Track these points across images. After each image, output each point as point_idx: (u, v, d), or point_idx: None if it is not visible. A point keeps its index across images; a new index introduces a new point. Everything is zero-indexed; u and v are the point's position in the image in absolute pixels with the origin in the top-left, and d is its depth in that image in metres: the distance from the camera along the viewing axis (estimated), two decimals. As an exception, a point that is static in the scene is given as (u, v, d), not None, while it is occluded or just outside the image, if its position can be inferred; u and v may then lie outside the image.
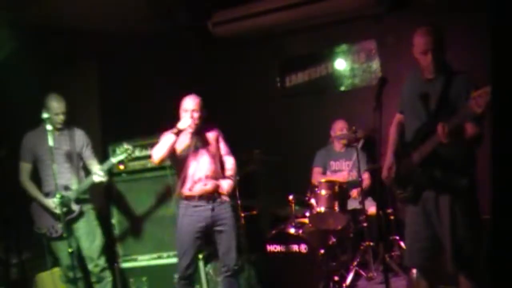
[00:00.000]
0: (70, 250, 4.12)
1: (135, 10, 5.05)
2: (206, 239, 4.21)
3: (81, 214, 4.48)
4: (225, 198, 4.18)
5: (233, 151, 4.40)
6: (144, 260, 5.00)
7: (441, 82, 3.23)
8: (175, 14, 5.64)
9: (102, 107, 5.66)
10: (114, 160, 4.47)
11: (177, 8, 5.63)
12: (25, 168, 4.46)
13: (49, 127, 4.03)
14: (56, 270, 4.71)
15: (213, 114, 6.15)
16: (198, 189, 4.07)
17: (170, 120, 4.16)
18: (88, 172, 4.65)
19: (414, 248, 3.40)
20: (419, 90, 3.33)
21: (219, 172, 4.23)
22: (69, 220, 4.38)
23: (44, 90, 4.47)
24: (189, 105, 4.11)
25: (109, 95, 5.62)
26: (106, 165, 4.48)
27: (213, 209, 4.09)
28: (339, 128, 5.48)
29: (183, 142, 4.12)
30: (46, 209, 4.39)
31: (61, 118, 4.42)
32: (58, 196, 4.11)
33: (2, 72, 4.55)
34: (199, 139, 4.15)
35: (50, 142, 4.02)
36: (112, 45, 5.40)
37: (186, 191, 4.11)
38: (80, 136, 4.62)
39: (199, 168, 4.10)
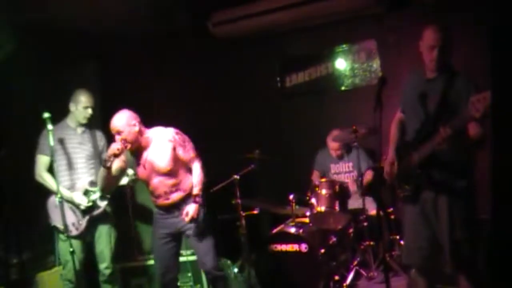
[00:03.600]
0: (71, 249, 4.07)
1: (135, 10, 5.05)
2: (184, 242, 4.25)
3: (104, 212, 4.43)
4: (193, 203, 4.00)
5: (234, 151, 4.39)
6: (145, 260, 5.00)
7: (442, 82, 3.23)
8: (175, 14, 5.64)
9: (102, 107, 5.66)
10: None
11: (177, 8, 5.63)
12: (44, 161, 4.31)
13: (50, 126, 3.98)
14: (59, 269, 4.67)
15: (213, 114, 6.20)
16: (161, 201, 4.00)
17: (169, 119, 4.16)
18: None
19: (412, 247, 3.40)
20: (420, 90, 3.33)
21: (181, 181, 4.01)
22: (92, 216, 4.34)
23: (44, 90, 4.46)
24: (113, 129, 3.84)
25: (110, 95, 5.62)
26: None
27: (177, 216, 4.00)
28: (332, 136, 5.47)
29: (137, 161, 3.99)
30: (67, 205, 4.26)
31: (89, 112, 4.40)
32: (58, 196, 4.01)
33: (2, 72, 4.54)
34: (149, 154, 3.93)
35: (52, 141, 3.99)
36: (112, 45, 5.40)
37: (152, 201, 4.08)
38: (101, 137, 4.59)
39: (156, 187, 3.96)
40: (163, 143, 3.91)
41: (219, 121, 6.22)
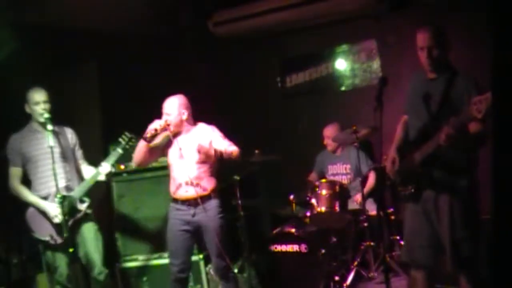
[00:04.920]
0: (71, 250, 4.01)
1: (135, 10, 5.05)
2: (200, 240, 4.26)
3: (86, 216, 4.30)
4: (212, 203, 4.07)
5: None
6: (144, 260, 5.01)
7: (443, 82, 3.24)
8: (175, 14, 5.64)
9: (102, 107, 5.67)
10: (120, 150, 4.30)
11: (177, 8, 5.63)
12: (16, 173, 4.19)
13: (49, 127, 3.96)
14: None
15: (213, 114, 6.19)
16: (180, 193, 4.06)
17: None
18: (80, 174, 4.47)
19: (414, 245, 3.40)
20: (422, 90, 3.34)
21: (204, 179, 4.09)
22: (74, 221, 4.19)
23: (44, 90, 4.42)
24: (164, 108, 4.07)
25: (109, 95, 5.62)
26: (114, 156, 4.30)
27: (194, 215, 4.05)
28: (327, 135, 5.51)
29: (170, 146, 4.11)
30: (47, 214, 4.15)
31: (42, 107, 4.13)
32: (58, 196, 3.95)
33: (2, 72, 4.52)
34: (185, 143, 4.05)
35: (51, 142, 3.94)
36: (112, 45, 5.40)
37: (171, 193, 4.13)
38: (72, 135, 4.43)
39: (182, 173, 4.03)
40: (203, 135, 4.11)
41: (219, 121, 6.20)
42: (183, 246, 4.12)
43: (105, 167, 4.27)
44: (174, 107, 4.04)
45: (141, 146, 4.00)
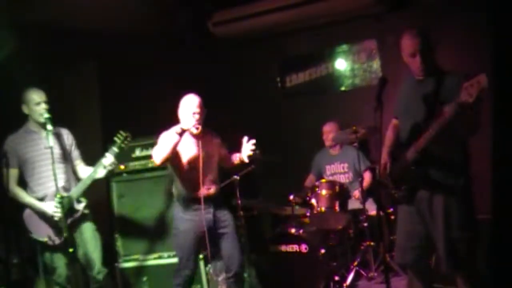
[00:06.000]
0: (71, 250, 3.99)
1: (135, 10, 5.05)
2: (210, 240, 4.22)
3: (83, 216, 4.30)
4: (219, 198, 4.21)
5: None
6: (144, 260, 5.00)
7: (433, 82, 3.25)
8: (175, 14, 5.64)
9: (102, 107, 5.66)
10: (115, 149, 4.20)
11: (177, 8, 5.63)
12: (13, 174, 4.16)
13: (49, 127, 3.94)
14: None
15: (213, 114, 6.19)
16: (202, 192, 4.03)
17: (169, 120, 4.16)
18: (76, 174, 4.44)
19: (406, 246, 3.40)
20: (412, 92, 3.35)
21: (218, 175, 4.25)
22: (72, 221, 4.19)
23: (44, 90, 4.41)
24: (192, 105, 4.03)
25: (109, 95, 5.62)
26: (111, 154, 4.19)
27: (214, 213, 4.11)
28: (327, 131, 5.52)
29: (187, 146, 4.08)
30: (44, 215, 4.14)
31: (43, 107, 4.12)
32: (58, 197, 3.94)
33: (1, 72, 4.52)
34: (203, 143, 4.11)
35: (51, 142, 3.92)
36: (112, 45, 5.39)
37: (187, 194, 4.08)
38: (67, 135, 4.40)
39: (205, 172, 4.05)
40: (215, 137, 4.30)
41: (219, 121, 6.21)
42: (196, 250, 4.16)
43: (109, 158, 4.18)
44: (201, 105, 4.07)
45: (175, 142, 3.90)
